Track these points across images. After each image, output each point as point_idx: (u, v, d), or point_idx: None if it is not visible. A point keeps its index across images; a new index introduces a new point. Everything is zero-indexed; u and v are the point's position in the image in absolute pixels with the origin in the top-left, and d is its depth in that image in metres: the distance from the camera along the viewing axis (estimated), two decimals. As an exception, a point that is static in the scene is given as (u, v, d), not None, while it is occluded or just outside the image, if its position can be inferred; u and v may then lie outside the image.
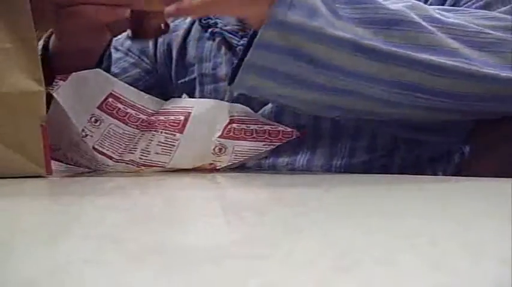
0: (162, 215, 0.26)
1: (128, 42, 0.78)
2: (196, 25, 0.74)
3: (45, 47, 0.62)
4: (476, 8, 0.57)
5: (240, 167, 0.56)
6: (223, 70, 0.71)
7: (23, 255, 0.16)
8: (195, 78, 0.74)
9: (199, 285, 0.13)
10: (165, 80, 0.77)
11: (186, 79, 0.74)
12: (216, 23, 0.70)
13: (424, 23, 0.51)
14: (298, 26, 0.48)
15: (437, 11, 0.54)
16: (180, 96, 0.72)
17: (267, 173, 0.58)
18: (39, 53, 0.61)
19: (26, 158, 0.46)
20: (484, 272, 0.14)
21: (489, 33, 0.52)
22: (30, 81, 0.46)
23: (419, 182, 0.45)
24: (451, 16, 0.53)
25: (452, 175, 0.68)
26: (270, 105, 0.65)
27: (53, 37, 0.60)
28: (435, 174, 0.68)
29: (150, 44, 0.78)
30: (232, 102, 0.64)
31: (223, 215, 0.26)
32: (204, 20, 0.71)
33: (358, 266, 0.15)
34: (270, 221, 0.24)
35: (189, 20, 0.76)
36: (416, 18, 0.51)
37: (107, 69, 0.63)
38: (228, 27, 0.69)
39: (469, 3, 0.58)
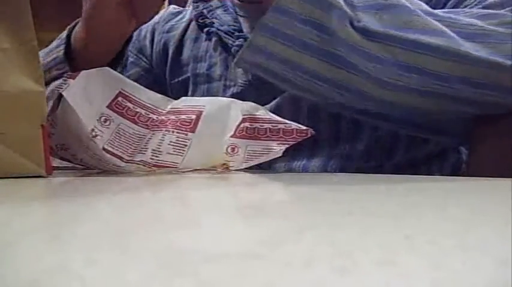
0: (167, 216, 0.26)
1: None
2: (193, 25, 0.75)
3: (68, 38, 0.63)
4: None
5: (250, 167, 0.55)
6: (217, 70, 0.71)
7: (22, 255, 0.16)
8: (188, 78, 0.74)
9: (199, 285, 0.13)
10: (161, 79, 0.77)
11: (180, 79, 0.75)
12: (212, 23, 0.71)
13: (417, 10, 0.53)
14: None
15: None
16: (174, 97, 0.72)
17: (273, 173, 0.58)
18: (64, 42, 0.62)
19: (26, 158, 0.46)
20: (483, 272, 0.14)
21: (480, 26, 0.53)
22: (30, 82, 0.46)
23: (418, 182, 0.45)
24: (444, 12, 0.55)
25: (448, 175, 0.68)
26: (269, 106, 0.65)
27: (78, 25, 0.62)
28: (431, 174, 0.68)
29: (147, 42, 0.78)
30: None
31: (225, 216, 0.26)
32: (201, 19, 0.72)
33: (356, 266, 0.15)
34: (270, 221, 0.24)
35: (186, 19, 0.77)
36: (411, 6, 0.53)
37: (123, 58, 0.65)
38: (223, 27, 0.69)
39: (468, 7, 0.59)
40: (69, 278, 0.14)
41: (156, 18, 0.79)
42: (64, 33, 0.65)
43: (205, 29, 0.71)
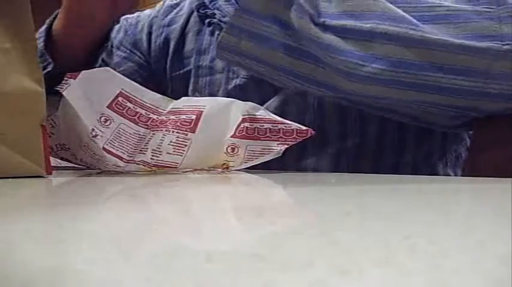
0: (167, 216, 0.26)
1: (120, 36, 0.78)
2: (194, 17, 0.74)
3: (48, 31, 0.63)
4: None
5: (251, 167, 0.55)
6: (220, 63, 0.71)
7: (22, 255, 0.16)
8: (190, 71, 0.74)
9: (199, 285, 0.13)
10: (159, 73, 0.77)
11: (181, 71, 0.74)
12: (213, 14, 0.71)
13: None
14: None
15: None
16: (173, 90, 0.72)
17: (272, 173, 0.58)
18: (43, 35, 0.62)
19: (26, 158, 0.46)
20: (484, 272, 0.14)
21: (444, 6, 0.51)
22: (30, 81, 0.46)
23: (418, 182, 0.45)
24: None
25: (461, 172, 0.68)
26: (272, 105, 0.65)
27: (57, 18, 0.63)
28: (446, 173, 0.67)
29: (144, 36, 0.78)
30: (227, 96, 0.65)
31: (225, 216, 0.26)
32: (202, 9, 0.72)
33: (356, 266, 0.15)
34: (269, 221, 0.24)
35: (185, 11, 0.76)
36: None
37: (110, 51, 0.65)
38: (225, 19, 0.69)
39: None
40: (68, 279, 0.14)
41: (154, 12, 0.79)
42: (43, 27, 0.65)
43: (207, 20, 0.71)
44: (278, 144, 0.53)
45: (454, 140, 0.68)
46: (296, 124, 0.54)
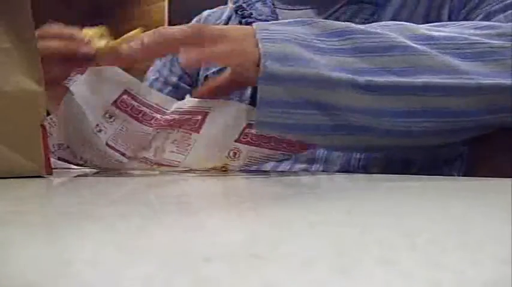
0: (167, 216, 0.26)
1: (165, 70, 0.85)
2: (232, 21, 0.79)
3: None
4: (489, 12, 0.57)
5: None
6: None
7: (22, 255, 0.16)
8: (222, 69, 0.76)
9: (199, 285, 0.13)
10: (194, 74, 0.81)
11: (215, 69, 0.78)
12: (251, 14, 0.75)
13: (415, 45, 0.50)
14: (293, 75, 0.48)
15: (427, 26, 0.54)
16: None
17: (272, 173, 0.58)
18: None
19: (25, 158, 0.46)
20: (484, 272, 0.14)
21: (483, 43, 0.52)
22: (30, 81, 0.46)
23: (419, 181, 0.45)
24: (442, 30, 0.53)
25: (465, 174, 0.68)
26: None
27: None
28: (450, 173, 0.68)
29: None
30: (254, 93, 0.66)
31: (225, 216, 0.26)
32: (240, 11, 0.76)
33: (356, 266, 0.15)
34: (269, 221, 0.24)
35: (227, 13, 0.81)
36: (408, 42, 0.50)
37: None
38: (262, 17, 0.73)
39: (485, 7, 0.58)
40: (69, 279, 0.14)
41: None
42: None
43: (244, 20, 0.75)
44: (280, 153, 0.53)
45: (459, 144, 0.69)
46: None
